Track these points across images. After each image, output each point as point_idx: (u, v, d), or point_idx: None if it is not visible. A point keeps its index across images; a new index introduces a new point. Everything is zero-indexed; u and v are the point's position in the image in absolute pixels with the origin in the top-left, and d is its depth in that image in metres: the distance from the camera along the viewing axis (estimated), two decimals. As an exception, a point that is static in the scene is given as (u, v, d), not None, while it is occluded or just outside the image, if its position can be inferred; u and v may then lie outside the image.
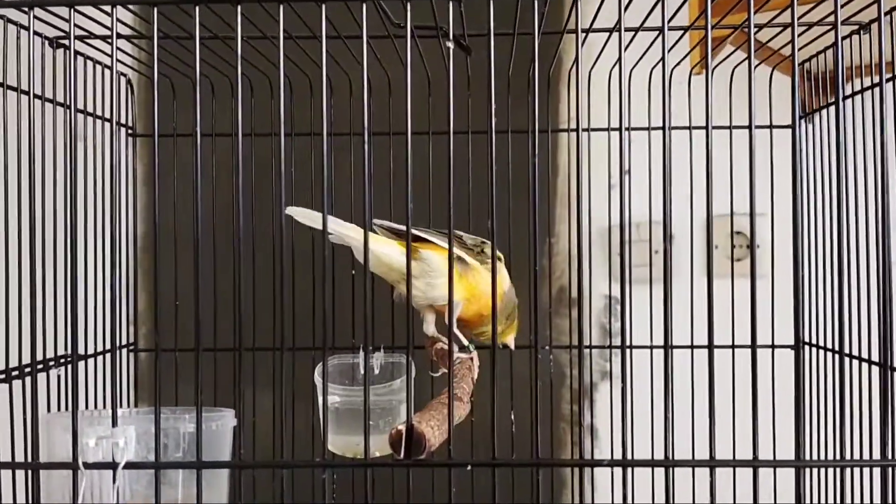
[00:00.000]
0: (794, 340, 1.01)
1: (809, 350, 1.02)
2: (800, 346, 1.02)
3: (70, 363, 0.64)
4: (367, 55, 0.62)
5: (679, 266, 1.25)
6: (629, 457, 0.63)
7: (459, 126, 0.95)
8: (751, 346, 0.89)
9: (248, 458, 0.92)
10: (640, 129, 1.05)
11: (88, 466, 0.62)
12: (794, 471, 0.90)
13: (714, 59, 1.09)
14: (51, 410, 0.88)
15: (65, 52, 0.80)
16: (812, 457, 0.99)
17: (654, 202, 1.01)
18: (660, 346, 1.00)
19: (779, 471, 1.00)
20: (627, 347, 0.63)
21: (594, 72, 1.06)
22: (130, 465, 0.62)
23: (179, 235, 1.01)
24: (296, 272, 1.02)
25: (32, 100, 0.63)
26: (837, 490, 0.65)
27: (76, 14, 0.64)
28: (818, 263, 1.02)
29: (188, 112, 1.08)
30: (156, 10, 0.63)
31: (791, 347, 1.03)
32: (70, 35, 0.63)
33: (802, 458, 0.94)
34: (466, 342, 0.94)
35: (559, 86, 1.35)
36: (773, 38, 0.98)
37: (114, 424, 0.63)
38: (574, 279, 1.25)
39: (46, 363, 0.90)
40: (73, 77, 0.64)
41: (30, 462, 0.63)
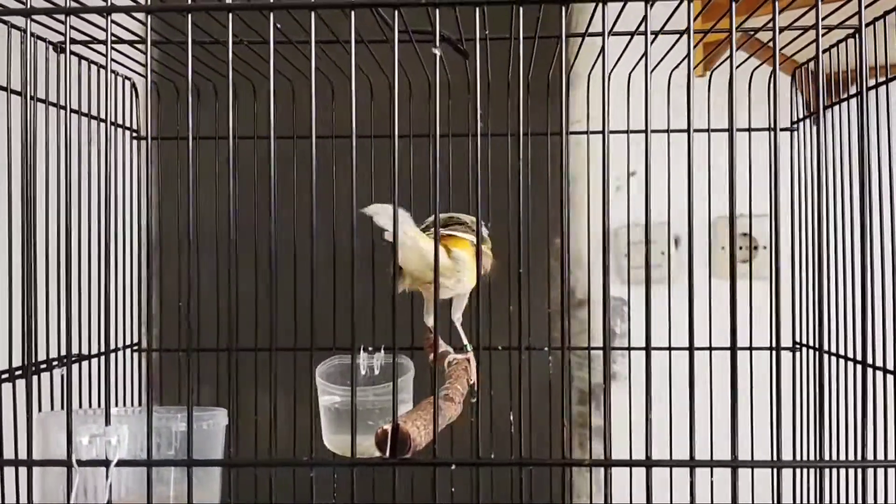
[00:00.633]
0: (791, 342, 1.01)
1: (811, 353, 1.01)
2: (796, 348, 1.01)
3: (65, 363, 0.66)
4: (386, 61, 0.63)
5: (686, 267, 1.24)
6: (629, 457, 0.63)
7: (458, 129, 0.97)
8: (749, 349, 0.89)
9: (241, 457, 0.93)
10: (624, 133, 1.05)
11: (82, 464, 0.63)
12: (817, 471, 0.90)
13: (714, 62, 1.09)
14: (54, 409, 0.89)
15: (65, 57, 0.81)
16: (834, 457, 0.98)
17: (659, 204, 1.01)
18: (665, 348, 1.00)
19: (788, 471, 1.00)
20: (642, 349, 0.63)
21: (593, 74, 1.06)
22: (123, 463, 0.63)
23: (199, 238, 1.03)
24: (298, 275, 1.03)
25: (29, 102, 0.64)
26: (859, 490, 0.65)
27: (85, 20, 0.65)
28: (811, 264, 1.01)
29: (196, 115, 1.09)
30: (149, 18, 0.64)
31: (789, 349, 1.03)
32: (66, 39, 0.64)
33: (824, 459, 0.94)
34: (466, 342, 0.94)
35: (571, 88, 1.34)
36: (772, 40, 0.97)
37: (107, 423, 0.64)
38: (582, 280, 1.25)
39: (49, 363, 0.91)
40: (78, 80, 0.65)
41: (25, 459, 0.65)
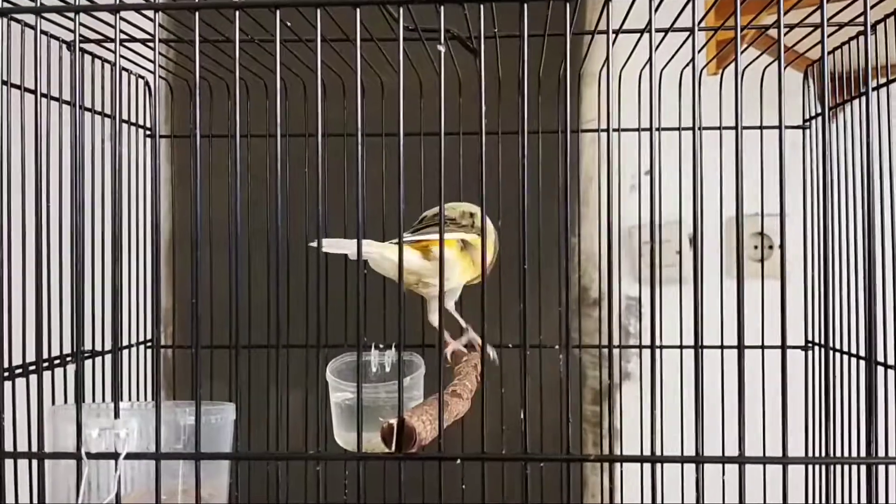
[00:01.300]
0: (804, 341, 1.01)
1: (824, 352, 1.00)
2: (808, 347, 1.01)
3: (76, 358, 0.66)
4: (396, 58, 0.63)
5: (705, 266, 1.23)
6: (638, 453, 0.63)
7: (469, 126, 0.97)
8: (760, 347, 0.89)
9: (252, 451, 0.93)
10: (635, 131, 1.04)
11: (91, 456, 0.64)
12: (824, 467, 0.90)
13: (727, 59, 1.09)
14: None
15: (76, 54, 0.82)
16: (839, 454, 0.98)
17: (672, 203, 1.01)
18: (675, 346, 1.00)
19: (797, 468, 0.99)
20: (647, 347, 0.63)
21: (604, 72, 1.06)
22: (131, 456, 0.64)
23: (212, 236, 1.07)
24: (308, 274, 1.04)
25: (40, 99, 0.65)
26: (862, 486, 0.65)
27: (98, 18, 0.66)
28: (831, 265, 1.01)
29: (207, 113, 1.10)
30: (157, 15, 0.65)
31: (802, 348, 1.02)
32: (75, 37, 0.65)
33: (833, 456, 0.94)
34: (463, 324, 0.96)
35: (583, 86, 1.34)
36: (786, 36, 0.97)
37: (116, 417, 0.65)
38: (597, 279, 1.25)
39: (63, 358, 0.93)
40: (92, 78, 0.66)
41: (35, 452, 0.65)
